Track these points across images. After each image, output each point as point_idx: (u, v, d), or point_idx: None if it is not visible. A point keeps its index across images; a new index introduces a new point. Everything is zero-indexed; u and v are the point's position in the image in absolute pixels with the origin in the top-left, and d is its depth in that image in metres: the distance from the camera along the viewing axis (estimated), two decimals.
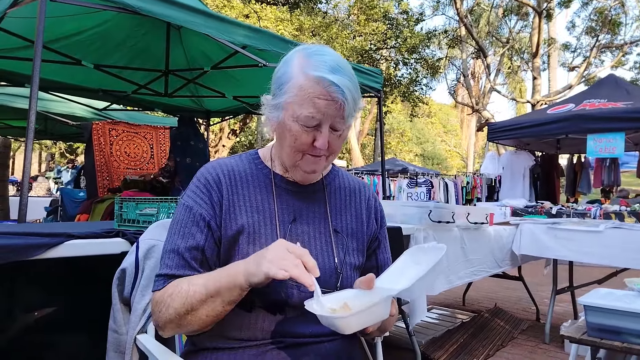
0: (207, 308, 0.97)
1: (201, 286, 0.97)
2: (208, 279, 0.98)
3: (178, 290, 0.99)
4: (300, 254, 0.90)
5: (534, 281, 5.13)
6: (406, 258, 1.08)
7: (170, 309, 0.99)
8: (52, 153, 20.97)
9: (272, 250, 0.91)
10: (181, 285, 1.00)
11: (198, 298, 0.96)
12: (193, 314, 0.97)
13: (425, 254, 1.04)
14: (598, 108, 5.75)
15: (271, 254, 0.90)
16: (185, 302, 0.97)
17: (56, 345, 1.61)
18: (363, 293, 0.99)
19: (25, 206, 2.38)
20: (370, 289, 0.99)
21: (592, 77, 18.48)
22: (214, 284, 0.96)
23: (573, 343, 1.81)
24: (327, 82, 0.97)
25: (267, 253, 0.91)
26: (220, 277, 0.97)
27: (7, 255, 1.26)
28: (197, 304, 0.96)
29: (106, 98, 5.47)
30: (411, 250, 1.10)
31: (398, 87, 17.08)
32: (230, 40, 3.25)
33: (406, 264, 1.06)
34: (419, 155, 37.80)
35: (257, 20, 11.34)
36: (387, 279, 1.04)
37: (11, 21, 3.25)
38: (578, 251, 3.30)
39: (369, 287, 0.99)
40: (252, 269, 0.91)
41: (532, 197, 7.20)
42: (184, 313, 0.98)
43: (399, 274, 1.04)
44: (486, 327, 3.73)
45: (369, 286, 0.99)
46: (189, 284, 0.99)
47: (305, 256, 0.90)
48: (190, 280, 1.00)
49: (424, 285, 0.99)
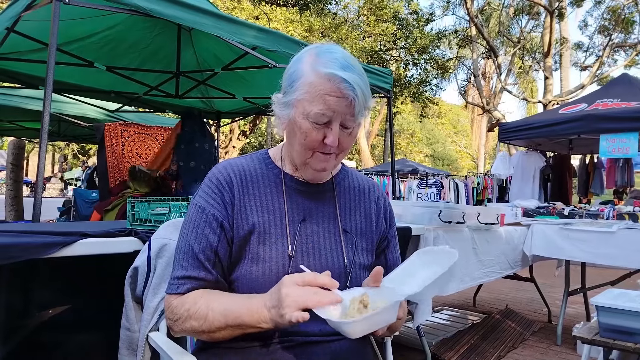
0: (224, 333, 0.99)
1: (220, 315, 0.97)
2: (227, 310, 0.97)
3: (195, 310, 1.00)
4: (309, 281, 0.89)
5: (546, 283, 5.08)
6: (416, 259, 1.07)
7: (187, 324, 1.01)
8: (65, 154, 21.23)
9: (285, 295, 0.88)
10: (199, 305, 1.00)
11: (217, 325, 0.98)
12: (210, 334, 1.00)
13: (435, 256, 1.03)
14: (611, 108, 5.68)
15: (287, 300, 0.87)
16: (203, 324, 0.99)
17: (70, 343, 1.64)
18: (372, 292, 0.98)
19: (39, 206, 2.42)
20: (378, 285, 0.98)
21: (605, 77, 18.26)
22: (234, 319, 0.96)
23: (585, 344, 1.80)
24: (338, 78, 0.98)
25: (282, 300, 0.88)
26: (241, 313, 0.96)
27: (22, 253, 1.28)
28: (215, 329, 0.99)
29: (118, 100, 5.53)
30: (422, 252, 1.09)
31: (408, 87, 17.02)
32: (240, 41, 3.27)
33: (416, 265, 1.05)
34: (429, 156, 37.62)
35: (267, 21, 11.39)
36: (395, 278, 1.04)
37: (26, 24, 3.30)
38: (591, 252, 3.26)
39: (377, 282, 0.98)
40: (277, 320, 0.90)
41: (542, 198, 7.13)
42: (201, 332, 1.01)
43: (408, 275, 1.03)
44: (497, 328, 3.71)
45: (376, 281, 0.97)
46: (207, 308, 0.99)
47: (316, 279, 0.89)
48: (208, 302, 1.00)
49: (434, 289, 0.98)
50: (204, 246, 1.05)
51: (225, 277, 1.08)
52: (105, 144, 4.91)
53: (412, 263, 1.07)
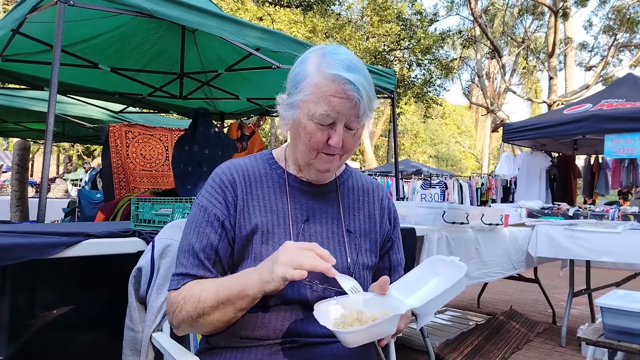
0: (218, 314, 0.98)
1: (212, 293, 0.98)
2: (219, 286, 0.99)
3: (190, 294, 1.01)
4: (310, 247, 0.91)
5: (550, 284, 5.06)
6: (425, 268, 1.07)
7: (183, 312, 1.01)
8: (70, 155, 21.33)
9: (282, 252, 0.91)
10: (194, 289, 1.01)
11: (209, 304, 0.98)
12: (204, 318, 0.99)
13: (445, 267, 1.03)
14: (616, 108, 5.65)
15: (282, 257, 0.90)
16: (197, 306, 0.99)
17: (73, 343, 1.64)
18: (375, 300, 0.98)
19: (44, 207, 2.43)
20: (384, 293, 0.98)
21: (610, 77, 18.16)
22: (224, 291, 0.97)
23: (590, 345, 1.79)
24: (343, 79, 0.98)
25: (278, 257, 0.91)
26: (231, 285, 0.97)
27: (27, 253, 1.29)
28: (208, 309, 0.98)
29: (122, 101, 5.55)
30: (431, 260, 1.09)
31: (412, 88, 17.01)
32: (244, 42, 3.28)
33: (425, 274, 1.05)
34: (433, 156, 37.58)
35: (271, 22, 11.40)
36: (403, 286, 1.04)
37: (31, 26, 3.32)
38: (595, 250, 3.24)
39: (383, 290, 0.98)
40: (266, 277, 0.92)
41: (548, 199, 7.11)
42: (196, 317, 1.00)
43: (415, 284, 1.03)
44: (501, 329, 3.69)
45: (382, 290, 0.98)
46: (201, 289, 1.00)
47: (316, 248, 0.91)
48: (203, 284, 1.02)
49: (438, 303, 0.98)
50: (204, 245, 1.06)
51: (225, 276, 1.09)
52: (110, 145, 4.93)
53: (421, 272, 1.06)
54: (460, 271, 0.98)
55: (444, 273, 1.01)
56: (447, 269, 1.02)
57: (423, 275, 1.05)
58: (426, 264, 1.08)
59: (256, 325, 1.04)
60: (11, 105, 5.61)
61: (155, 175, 5.27)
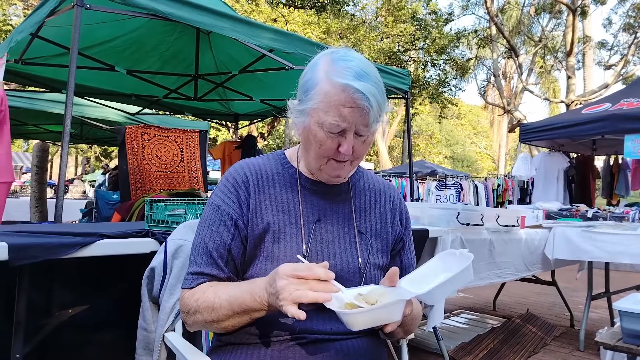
0: (233, 321, 1.01)
1: (226, 302, 1.00)
2: (232, 297, 0.99)
3: (204, 299, 1.03)
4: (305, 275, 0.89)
5: (568, 287, 4.98)
6: (436, 262, 1.07)
7: (198, 316, 1.04)
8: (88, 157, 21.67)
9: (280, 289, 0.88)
10: (207, 294, 1.03)
11: (224, 313, 1.00)
12: (219, 324, 1.02)
13: (455, 259, 1.04)
14: (636, 107, 5.53)
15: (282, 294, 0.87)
16: (212, 313, 1.01)
17: (88, 342, 1.66)
18: (383, 290, 0.99)
19: (61, 208, 2.46)
20: (393, 285, 0.98)
21: (630, 76, 17.78)
22: (239, 305, 0.98)
23: (608, 350, 1.75)
24: (352, 89, 0.98)
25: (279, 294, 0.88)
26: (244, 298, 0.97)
27: (42, 253, 1.31)
28: (223, 317, 1.01)
29: (138, 103, 5.63)
30: (442, 255, 1.09)
31: (426, 88, 16.90)
32: (258, 43, 3.30)
33: (434, 268, 1.06)
34: (449, 157, 37.29)
35: (285, 24, 11.44)
36: (413, 279, 1.04)
37: (49, 29, 3.38)
38: (614, 252, 3.17)
39: (393, 282, 0.98)
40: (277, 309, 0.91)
41: (566, 200, 6.99)
42: (211, 321, 1.03)
43: (425, 277, 1.04)
44: (518, 332, 3.64)
45: (392, 282, 0.98)
46: (214, 295, 1.02)
47: (313, 271, 0.89)
48: (216, 291, 1.03)
49: (445, 291, 0.98)
50: (217, 244, 1.08)
51: (237, 274, 1.10)
52: (126, 147, 4.99)
53: (432, 265, 1.07)
54: (466, 260, 0.98)
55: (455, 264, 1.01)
56: (457, 261, 1.02)
57: (435, 269, 1.05)
58: (437, 259, 1.08)
59: (266, 322, 1.05)
60: (31, 108, 5.72)
61: (171, 177, 5.32)
